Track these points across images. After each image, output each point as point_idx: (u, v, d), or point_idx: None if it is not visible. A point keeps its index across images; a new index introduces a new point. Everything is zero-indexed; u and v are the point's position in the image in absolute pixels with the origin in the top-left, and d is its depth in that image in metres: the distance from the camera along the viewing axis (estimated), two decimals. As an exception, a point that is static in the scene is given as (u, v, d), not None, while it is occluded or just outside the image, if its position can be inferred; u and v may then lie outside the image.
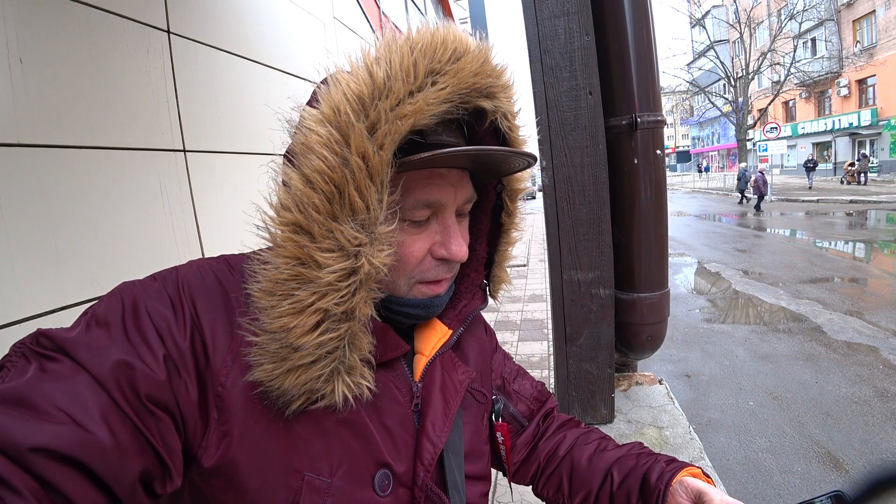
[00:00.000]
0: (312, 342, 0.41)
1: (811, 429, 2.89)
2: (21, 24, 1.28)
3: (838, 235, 9.35)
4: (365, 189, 0.40)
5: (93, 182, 1.46)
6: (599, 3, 1.75)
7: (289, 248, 0.41)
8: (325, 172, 0.40)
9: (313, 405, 0.44)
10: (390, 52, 0.43)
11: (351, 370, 0.44)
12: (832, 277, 6.15)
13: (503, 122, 0.51)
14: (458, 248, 0.50)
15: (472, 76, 0.45)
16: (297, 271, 0.41)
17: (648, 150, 1.78)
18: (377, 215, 0.42)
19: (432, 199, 0.49)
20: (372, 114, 0.40)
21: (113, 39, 1.58)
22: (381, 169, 0.41)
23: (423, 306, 0.53)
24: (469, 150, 0.44)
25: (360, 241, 0.41)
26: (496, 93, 0.48)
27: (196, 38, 2.00)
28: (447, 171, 0.50)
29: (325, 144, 0.40)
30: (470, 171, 0.55)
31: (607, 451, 0.69)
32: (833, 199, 14.95)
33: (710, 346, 4.27)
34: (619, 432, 1.84)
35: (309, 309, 0.41)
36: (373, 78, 0.41)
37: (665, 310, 1.95)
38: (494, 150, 0.45)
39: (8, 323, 1.19)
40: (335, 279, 0.41)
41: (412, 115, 0.41)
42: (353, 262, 0.41)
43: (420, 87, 0.42)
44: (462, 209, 0.54)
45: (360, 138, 0.40)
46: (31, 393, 0.34)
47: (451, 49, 0.44)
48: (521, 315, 5.03)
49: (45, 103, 1.34)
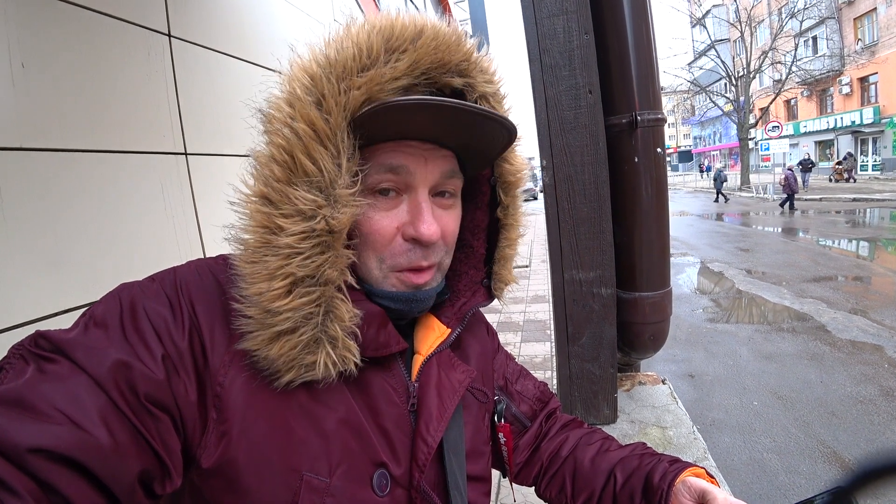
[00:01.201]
0: (287, 306, 0.42)
1: (816, 428, 2.87)
2: (23, 28, 1.29)
3: (841, 234, 9.32)
4: (314, 152, 0.42)
5: (94, 185, 1.47)
6: (598, 2, 1.74)
7: (257, 219, 0.43)
8: (282, 145, 0.43)
9: (302, 377, 0.44)
10: (349, 34, 0.45)
11: (334, 341, 0.44)
12: (836, 276, 6.13)
13: (483, 103, 0.51)
14: (426, 227, 0.48)
15: (432, 51, 0.46)
16: (265, 238, 0.43)
17: (649, 148, 1.77)
18: (333, 178, 0.43)
19: (395, 163, 0.47)
20: (320, 85, 0.43)
21: (114, 43, 1.59)
22: (332, 134, 0.42)
23: (405, 300, 0.51)
24: (418, 100, 0.43)
25: (317, 203, 0.42)
26: (468, 71, 0.49)
27: (197, 41, 2.01)
28: (419, 143, 0.48)
29: (281, 120, 0.43)
30: (459, 160, 0.53)
31: (610, 451, 0.68)
32: (836, 198, 14.91)
33: (714, 346, 4.26)
34: (622, 432, 1.84)
35: (279, 273, 0.42)
36: (327, 57, 0.44)
37: (667, 308, 1.94)
38: (447, 101, 0.43)
39: (9, 326, 1.20)
40: (294, 241, 0.42)
41: (364, 87, 0.43)
42: (312, 223, 0.43)
43: (373, 63, 0.44)
44: (443, 186, 0.51)
45: (305, 107, 0.42)
46: (30, 394, 0.34)
47: (412, 28, 0.46)
48: (524, 316, 5.02)
49: (46, 107, 1.34)
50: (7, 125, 1.24)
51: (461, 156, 0.54)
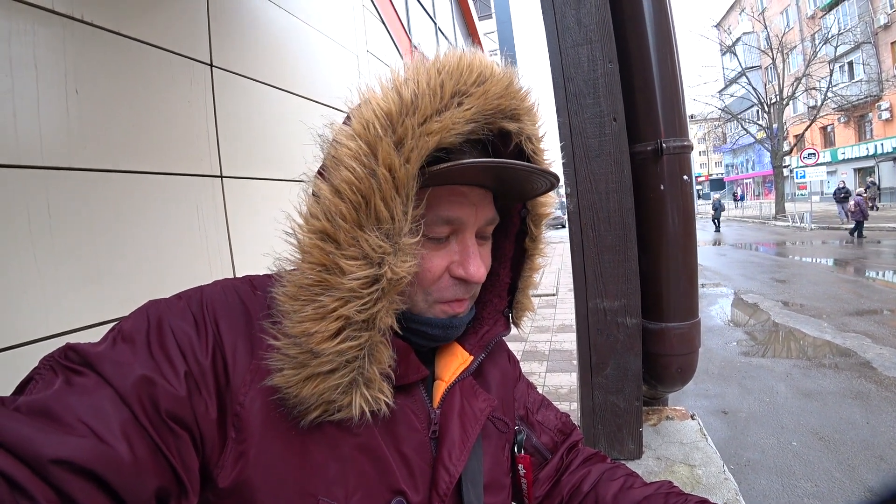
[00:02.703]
0: (333, 349, 0.41)
1: (862, 473, 2.67)
2: (79, 57, 1.40)
3: (886, 265, 8.85)
4: (390, 200, 0.42)
5: (134, 204, 1.55)
6: (622, 31, 1.76)
7: (315, 255, 0.42)
8: (353, 183, 0.41)
9: (330, 417, 0.44)
10: (418, 73, 0.45)
11: (370, 383, 0.44)
12: (881, 309, 5.79)
13: (527, 144, 0.51)
14: (475, 269, 0.50)
15: (496, 98, 0.46)
16: (321, 277, 0.42)
17: (675, 175, 1.74)
18: (402, 226, 0.43)
19: (452, 215, 0.49)
20: (399, 129, 0.42)
21: (160, 71, 1.70)
22: (406, 182, 0.42)
23: (442, 326, 0.52)
24: (488, 162, 0.44)
25: (384, 250, 0.42)
26: (520, 115, 0.49)
27: (236, 71, 2.12)
28: (469, 189, 0.50)
29: (354, 157, 0.42)
30: (494, 194, 0.55)
31: (634, 488, 0.65)
32: (879, 227, 14.23)
33: (749, 382, 4.05)
34: (647, 469, 1.75)
35: (331, 315, 0.41)
36: (401, 96, 0.43)
37: (696, 340, 1.87)
38: (514, 164, 0.45)
39: (47, 336, 1.25)
40: (358, 286, 0.42)
41: (438, 133, 0.42)
42: (377, 270, 0.42)
43: (446, 107, 0.43)
44: (483, 231, 0.54)
45: (388, 151, 0.41)
46: (56, 405, 0.35)
47: (477, 72, 0.46)
48: (550, 345, 4.91)
49: (94, 130, 1.44)
50: (58, 146, 1.33)
51: (497, 193, 0.56)
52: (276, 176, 2.29)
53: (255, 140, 2.20)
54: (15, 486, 0.31)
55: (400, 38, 5.06)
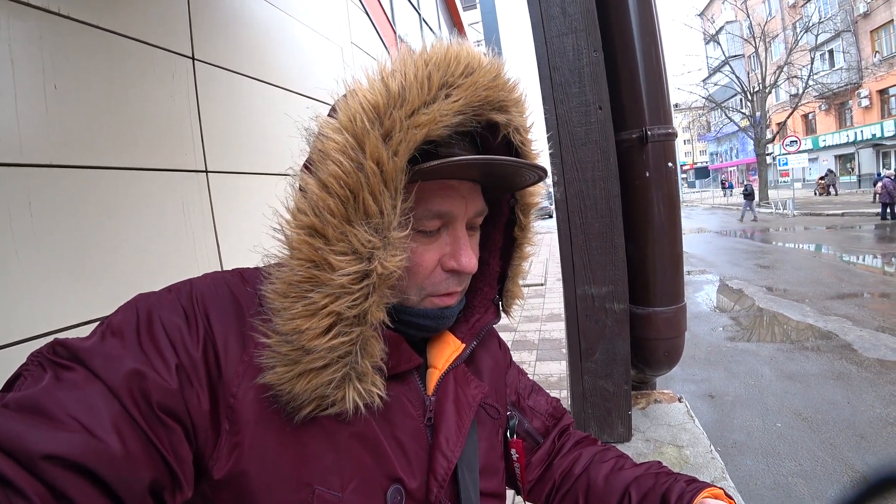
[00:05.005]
0: (324, 345, 0.41)
1: (844, 451, 2.76)
2: (56, 53, 1.36)
3: (866, 249, 9.07)
4: (379, 194, 0.41)
5: (119, 201, 1.52)
6: (607, 21, 1.77)
7: (303, 251, 0.42)
8: (341, 177, 0.41)
9: (323, 412, 0.44)
10: (405, 65, 0.44)
11: (362, 377, 0.44)
12: (861, 293, 5.95)
13: (515, 135, 0.51)
14: (467, 260, 0.50)
15: (484, 89, 0.45)
16: (311, 273, 0.41)
17: (660, 162, 1.77)
18: (391, 220, 0.42)
19: (443, 209, 0.49)
20: (387, 122, 0.41)
21: (141, 65, 1.67)
22: (395, 175, 0.41)
23: (434, 317, 0.53)
24: (479, 158, 0.44)
25: (373, 244, 0.42)
26: (508, 106, 0.49)
27: (219, 64, 2.09)
28: (459, 182, 0.50)
29: (342, 150, 0.41)
30: (482, 186, 0.55)
31: (624, 469, 0.67)
32: (859, 213, 14.55)
33: (735, 366, 4.14)
34: (636, 451, 1.79)
35: (322, 311, 0.41)
36: (388, 89, 0.42)
37: (682, 324, 1.91)
38: (503, 160, 0.46)
39: (33, 336, 1.24)
40: (348, 282, 0.41)
41: (426, 125, 0.42)
42: (367, 265, 0.42)
43: (434, 99, 0.43)
44: (473, 222, 0.54)
45: (376, 144, 0.41)
46: (46, 400, 0.35)
47: (465, 63, 0.45)
48: (539, 335, 4.96)
49: (75, 126, 1.41)
50: (38, 143, 1.30)
51: (485, 185, 0.56)
52: (262, 170, 2.27)
53: (239, 134, 2.17)
54: (6, 484, 0.31)
55: (384, 30, 5.01)
